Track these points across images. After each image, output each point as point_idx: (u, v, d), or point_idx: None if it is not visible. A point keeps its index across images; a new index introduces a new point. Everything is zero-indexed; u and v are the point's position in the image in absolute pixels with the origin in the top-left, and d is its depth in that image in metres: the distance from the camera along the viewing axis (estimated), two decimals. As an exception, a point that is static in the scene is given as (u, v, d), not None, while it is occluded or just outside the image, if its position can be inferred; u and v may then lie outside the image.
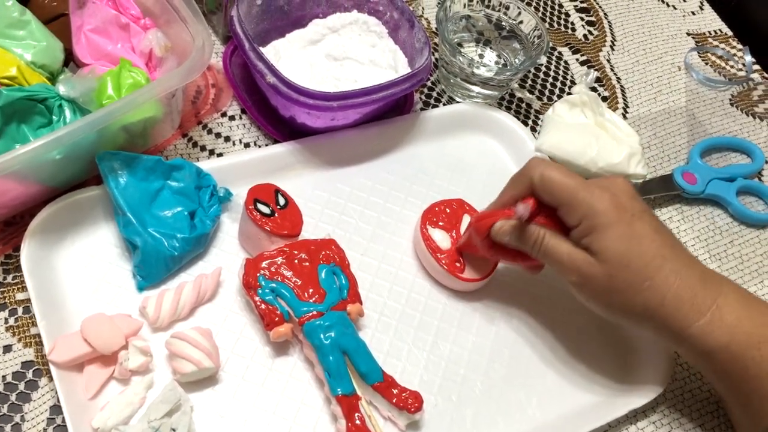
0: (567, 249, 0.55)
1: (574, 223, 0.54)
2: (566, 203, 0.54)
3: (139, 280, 0.59)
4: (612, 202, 0.54)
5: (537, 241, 0.56)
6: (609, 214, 0.53)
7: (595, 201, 0.53)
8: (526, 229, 0.56)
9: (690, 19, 0.94)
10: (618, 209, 0.54)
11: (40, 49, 0.62)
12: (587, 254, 0.54)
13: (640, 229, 0.54)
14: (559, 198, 0.55)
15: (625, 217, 0.54)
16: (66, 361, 0.53)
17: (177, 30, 0.63)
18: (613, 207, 0.54)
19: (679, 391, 0.64)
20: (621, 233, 0.53)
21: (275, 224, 0.60)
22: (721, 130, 0.84)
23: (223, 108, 0.72)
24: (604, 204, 0.53)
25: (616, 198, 0.54)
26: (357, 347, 0.57)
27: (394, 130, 0.72)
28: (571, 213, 0.54)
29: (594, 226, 0.53)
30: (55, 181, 0.60)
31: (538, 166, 0.56)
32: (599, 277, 0.54)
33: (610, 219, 0.53)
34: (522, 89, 0.82)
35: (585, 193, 0.54)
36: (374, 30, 0.75)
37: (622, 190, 0.55)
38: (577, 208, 0.54)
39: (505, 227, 0.57)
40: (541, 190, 0.55)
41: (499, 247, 0.59)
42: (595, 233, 0.53)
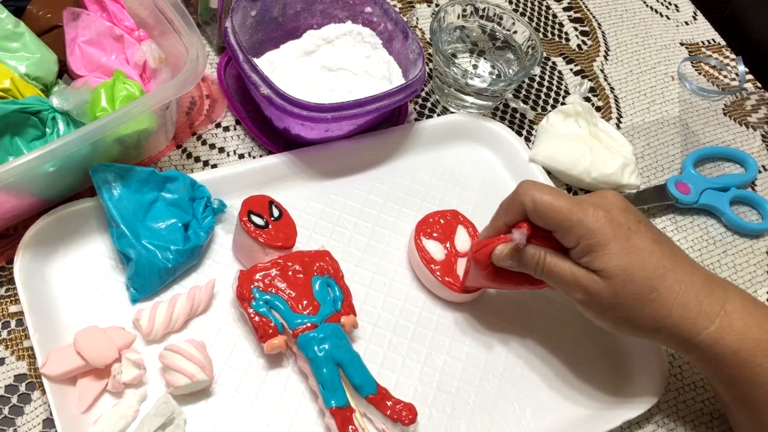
0: (569, 267, 0.55)
1: (572, 245, 0.54)
2: (562, 227, 0.54)
3: (132, 293, 0.59)
4: (606, 219, 0.54)
5: (539, 262, 0.56)
6: (605, 231, 0.53)
7: (589, 220, 0.53)
8: (525, 252, 0.56)
9: (683, 29, 0.95)
10: (613, 225, 0.54)
11: (34, 61, 0.63)
12: (589, 272, 0.54)
13: (638, 242, 0.54)
14: (554, 222, 0.54)
15: (621, 231, 0.54)
16: (59, 374, 0.53)
17: (171, 41, 0.63)
18: (608, 224, 0.54)
19: (672, 402, 0.64)
20: (620, 249, 0.53)
21: (269, 236, 0.60)
22: (715, 139, 0.85)
23: (217, 119, 0.72)
24: (599, 222, 0.53)
25: (609, 214, 0.54)
26: (351, 359, 0.57)
27: (389, 140, 0.73)
28: (567, 236, 0.54)
29: (592, 245, 0.53)
30: (49, 194, 0.60)
31: (528, 190, 0.55)
32: (604, 294, 0.54)
33: (607, 236, 0.53)
34: (516, 99, 0.82)
35: (579, 214, 0.54)
36: (368, 41, 0.75)
37: (614, 205, 0.55)
38: (572, 230, 0.54)
39: (505, 251, 0.57)
40: (533, 215, 0.55)
41: (503, 274, 0.59)
42: (594, 252, 0.53)
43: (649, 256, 0.54)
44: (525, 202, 0.55)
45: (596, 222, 0.53)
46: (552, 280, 0.56)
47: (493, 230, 0.59)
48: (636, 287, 0.53)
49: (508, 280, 0.60)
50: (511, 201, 0.57)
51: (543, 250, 0.56)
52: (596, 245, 0.53)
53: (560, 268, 0.55)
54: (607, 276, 0.53)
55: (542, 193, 0.55)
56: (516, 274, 0.59)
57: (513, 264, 0.57)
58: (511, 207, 0.57)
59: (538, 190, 0.55)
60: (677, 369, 0.66)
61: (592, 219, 0.53)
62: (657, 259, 0.54)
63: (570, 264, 0.55)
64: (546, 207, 0.54)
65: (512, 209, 0.57)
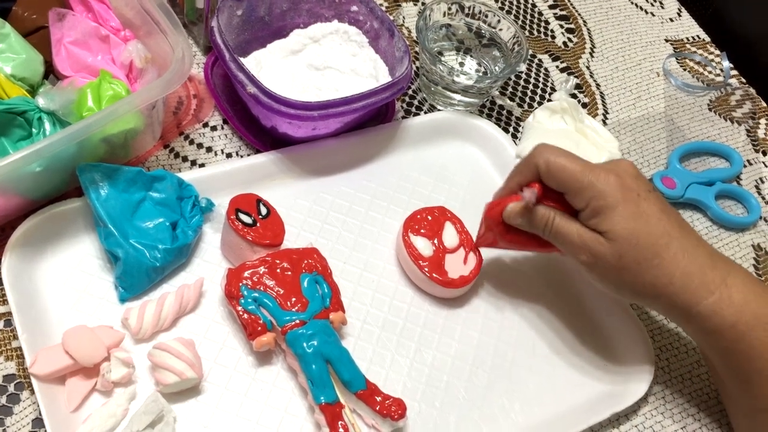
0: (576, 229, 0.56)
1: (581, 206, 0.55)
2: (572, 188, 0.55)
3: (121, 292, 0.59)
4: (618, 183, 0.55)
5: (548, 222, 0.57)
6: (615, 194, 0.54)
7: (600, 183, 0.54)
8: (536, 212, 0.57)
9: (668, 25, 0.96)
10: (624, 189, 0.55)
11: (20, 62, 0.62)
12: (596, 234, 0.55)
13: (647, 208, 0.55)
14: (565, 183, 0.56)
15: (631, 196, 0.55)
16: (48, 373, 0.53)
17: (157, 41, 0.63)
18: (619, 187, 0.55)
19: (660, 394, 0.65)
20: (628, 213, 0.54)
21: (257, 234, 0.60)
22: (700, 134, 0.85)
23: (204, 118, 0.72)
24: (609, 185, 0.54)
25: (621, 179, 0.55)
26: (340, 355, 0.57)
27: (376, 138, 0.73)
28: (577, 197, 0.55)
29: (601, 207, 0.54)
30: (36, 194, 0.60)
31: (543, 152, 0.57)
32: (608, 256, 0.54)
33: (616, 199, 0.54)
34: (503, 96, 0.83)
35: (590, 176, 0.55)
36: (355, 39, 0.75)
37: (626, 171, 0.56)
38: (583, 191, 0.55)
39: (516, 209, 0.58)
40: (546, 176, 0.56)
41: (514, 234, 0.60)
42: (603, 214, 0.54)
43: (656, 223, 0.54)
44: (539, 163, 0.57)
45: (607, 185, 0.54)
46: (559, 241, 0.57)
47: (506, 190, 0.61)
48: (640, 251, 0.54)
49: (518, 240, 0.61)
50: (526, 162, 0.59)
51: (553, 211, 0.57)
52: (605, 207, 0.54)
53: (568, 230, 0.56)
54: (613, 238, 0.54)
55: (556, 155, 0.56)
56: (526, 235, 0.60)
57: (523, 223, 0.58)
58: (525, 168, 0.59)
59: (552, 152, 0.57)
60: (664, 362, 0.66)
61: (603, 182, 0.55)
62: (664, 227, 0.55)
63: (578, 226, 0.56)
64: (559, 168, 0.56)
65: (526, 170, 0.58)
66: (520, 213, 0.58)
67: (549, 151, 0.57)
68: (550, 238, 0.58)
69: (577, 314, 0.66)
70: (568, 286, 0.68)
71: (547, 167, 0.56)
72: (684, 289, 0.54)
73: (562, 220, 0.57)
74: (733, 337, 0.54)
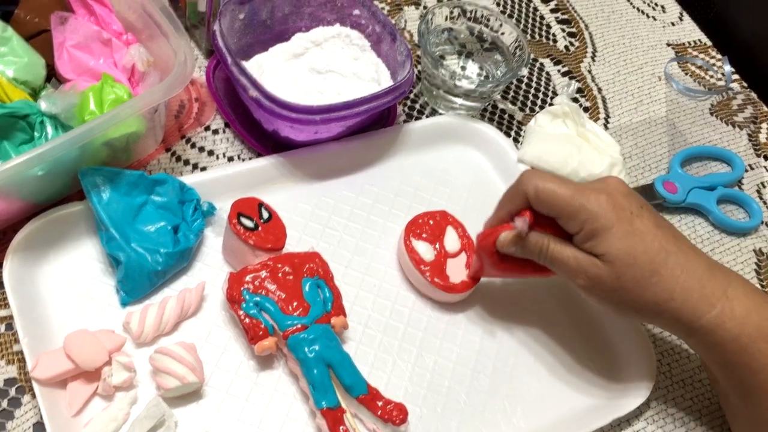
0: (572, 253, 0.56)
1: (575, 230, 0.55)
2: (564, 212, 0.55)
3: (122, 296, 0.59)
4: (609, 203, 0.54)
5: (542, 249, 0.57)
6: (608, 215, 0.54)
7: (592, 205, 0.54)
8: (529, 239, 0.57)
9: (670, 29, 0.95)
10: (616, 209, 0.54)
11: (22, 65, 0.63)
12: (593, 257, 0.55)
13: (641, 225, 0.54)
14: (557, 208, 0.55)
15: (624, 215, 0.54)
16: (49, 378, 0.53)
17: (159, 45, 0.63)
18: (611, 207, 0.54)
19: (662, 399, 0.65)
20: (623, 232, 0.54)
21: (259, 238, 0.60)
22: (702, 139, 0.85)
23: (206, 122, 0.72)
24: (601, 206, 0.54)
25: (612, 198, 0.55)
26: (341, 360, 0.57)
27: (378, 142, 0.73)
28: (570, 221, 0.55)
29: (595, 229, 0.54)
30: (38, 197, 0.60)
31: (531, 178, 0.56)
32: (606, 278, 0.54)
33: (610, 220, 0.54)
34: (504, 100, 0.83)
35: (581, 199, 0.54)
36: (357, 43, 0.75)
37: (617, 190, 0.56)
38: (575, 215, 0.54)
39: (509, 238, 0.58)
40: (536, 203, 0.56)
41: (509, 262, 0.59)
42: (598, 237, 0.54)
43: (651, 240, 0.54)
44: (527, 191, 0.56)
45: (599, 207, 0.54)
46: (556, 266, 0.57)
47: (497, 219, 0.60)
48: (638, 271, 0.54)
49: (513, 267, 0.60)
50: (514, 190, 0.58)
51: (546, 237, 0.57)
52: (599, 229, 0.54)
53: (563, 255, 0.56)
54: (610, 260, 0.54)
55: (544, 181, 0.56)
56: (522, 262, 0.59)
57: (517, 251, 0.58)
58: (514, 196, 0.58)
59: (540, 178, 0.56)
60: (666, 367, 0.66)
61: (595, 204, 0.54)
62: (659, 242, 0.54)
63: (573, 250, 0.56)
64: (548, 194, 0.55)
65: (515, 198, 0.58)
66: (513, 242, 0.58)
67: (537, 177, 0.56)
68: (546, 263, 0.57)
69: (578, 319, 0.66)
70: (570, 292, 0.67)
71: (536, 194, 0.56)
72: (685, 303, 0.54)
73: (557, 246, 0.56)
74: (736, 349, 0.54)
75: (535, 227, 0.57)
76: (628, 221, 0.54)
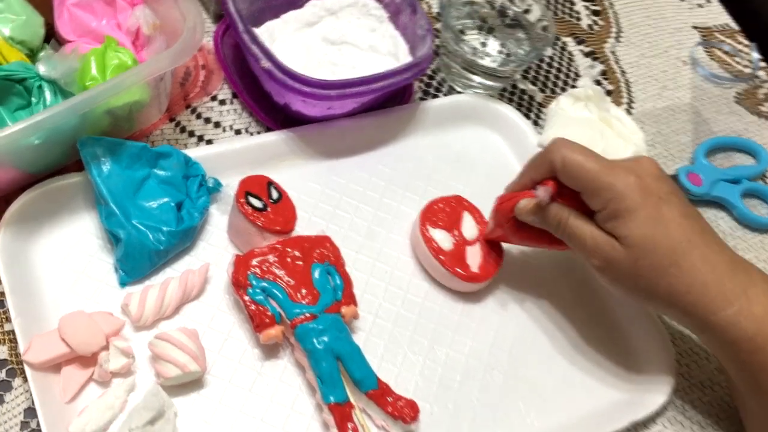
0: (590, 231, 0.53)
1: (598, 208, 0.53)
2: (590, 188, 0.52)
3: (121, 275, 0.56)
4: (637, 185, 0.52)
5: (560, 222, 0.54)
6: (634, 197, 0.51)
7: (620, 184, 0.52)
8: (549, 209, 0.55)
9: (697, 11, 0.92)
10: (644, 192, 0.52)
11: (19, 23, 0.59)
12: (611, 238, 0.52)
13: (667, 212, 0.52)
14: (582, 183, 0.53)
15: (651, 200, 0.52)
16: (42, 362, 0.50)
17: (166, 7, 0.60)
18: (639, 190, 0.52)
19: (679, 402, 0.62)
20: (647, 217, 0.51)
21: (267, 219, 0.57)
22: (726, 129, 0.82)
23: (213, 91, 0.69)
24: (629, 187, 0.52)
25: (641, 180, 0.52)
26: (351, 353, 0.54)
27: (393, 120, 0.69)
28: (595, 198, 0.53)
29: (619, 210, 0.51)
30: (33, 167, 0.56)
31: (560, 148, 0.54)
32: (623, 262, 0.52)
33: (635, 203, 0.51)
34: (524, 80, 0.79)
35: (609, 177, 0.52)
36: (374, 14, 0.71)
37: (647, 172, 0.53)
38: (601, 192, 0.52)
39: (529, 206, 0.55)
40: (562, 174, 0.54)
41: (525, 230, 0.57)
42: (620, 218, 0.52)
43: (676, 228, 0.52)
44: (554, 160, 0.54)
45: (626, 187, 0.52)
46: (572, 242, 0.55)
47: (519, 185, 0.58)
48: (657, 259, 0.51)
49: (529, 236, 0.58)
50: (541, 157, 0.56)
51: (567, 210, 0.55)
52: (624, 211, 0.51)
53: (581, 231, 0.54)
54: (630, 244, 0.52)
55: (573, 152, 0.53)
56: (537, 232, 0.57)
57: (535, 220, 0.56)
58: (539, 163, 0.56)
59: (569, 148, 0.53)
60: (684, 368, 0.64)
61: (623, 183, 0.52)
62: (683, 232, 0.52)
63: (592, 227, 0.53)
64: (575, 167, 0.53)
65: (541, 165, 0.55)
66: (532, 211, 0.55)
67: (566, 146, 0.54)
68: (563, 237, 0.55)
69: (597, 316, 0.64)
70: (589, 286, 0.65)
71: (563, 165, 0.53)
72: (701, 298, 0.51)
73: (576, 221, 0.54)
74: (751, 349, 0.52)
75: (557, 199, 0.55)
76: (654, 206, 0.52)
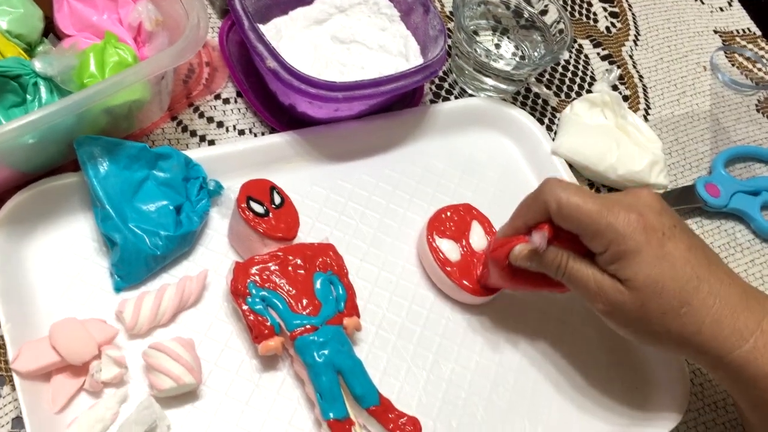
0: (593, 275, 0.50)
1: (599, 250, 0.50)
2: (589, 231, 0.49)
3: (116, 280, 0.54)
4: (639, 224, 0.49)
5: (560, 266, 0.51)
6: (637, 237, 0.49)
7: (620, 225, 0.49)
8: (546, 254, 0.52)
9: (718, 15, 0.89)
10: (646, 230, 0.49)
11: (17, 16, 0.56)
12: (615, 281, 0.50)
13: (673, 249, 0.49)
14: (581, 226, 0.50)
15: (654, 238, 0.49)
16: (31, 370, 0.48)
17: (170, 2, 0.57)
18: (641, 229, 0.49)
19: (692, 422, 0.60)
20: (652, 257, 0.48)
21: (269, 226, 0.55)
22: (746, 138, 0.79)
23: (217, 89, 0.66)
24: (630, 227, 0.49)
25: (643, 218, 0.49)
26: (353, 367, 0.52)
27: (401, 123, 0.67)
28: (595, 240, 0.50)
29: (622, 252, 0.49)
30: (27, 166, 0.54)
31: (553, 189, 0.51)
32: (630, 306, 0.49)
33: (638, 243, 0.48)
34: (539, 84, 0.76)
35: (609, 218, 0.49)
36: (385, 12, 0.69)
37: (649, 207, 0.50)
38: (601, 235, 0.49)
39: (524, 252, 0.52)
40: (558, 217, 0.51)
41: (522, 275, 0.54)
42: (624, 260, 0.49)
43: (683, 266, 0.49)
44: (549, 202, 0.51)
45: (628, 227, 0.49)
46: (573, 285, 0.52)
47: (512, 228, 0.54)
48: (666, 300, 0.49)
49: (527, 281, 0.55)
50: (534, 199, 0.52)
51: (566, 253, 0.51)
52: (627, 252, 0.49)
53: (583, 275, 0.51)
54: (636, 287, 0.49)
55: (569, 193, 0.50)
56: (536, 276, 0.54)
57: (532, 266, 0.53)
58: (533, 205, 0.52)
59: (564, 189, 0.50)
60: (698, 387, 0.62)
61: (624, 223, 0.49)
62: (692, 268, 0.49)
63: (594, 270, 0.51)
64: (572, 209, 0.50)
65: (534, 208, 0.52)
66: (528, 257, 0.52)
67: (560, 188, 0.50)
68: (563, 281, 0.52)
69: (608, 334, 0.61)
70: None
71: (558, 207, 0.50)
72: (714, 337, 0.49)
73: (576, 264, 0.51)
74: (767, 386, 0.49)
75: (554, 241, 0.52)
76: (658, 244, 0.49)
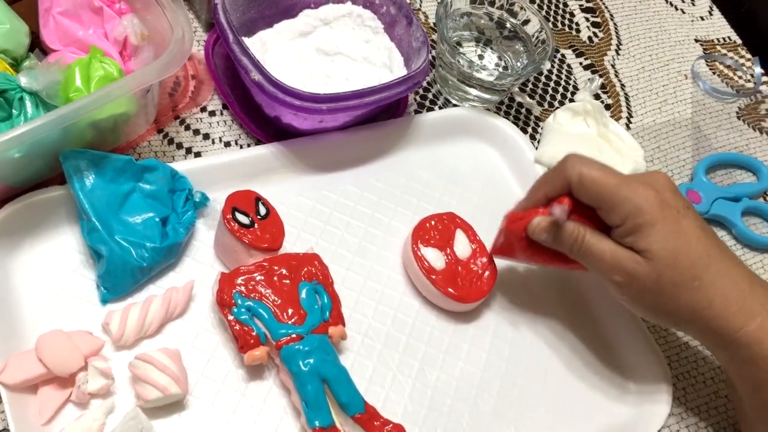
0: (609, 248, 0.52)
1: (617, 223, 0.52)
2: (608, 203, 0.52)
3: (103, 292, 0.55)
4: (656, 199, 0.51)
5: (576, 240, 0.53)
6: (654, 211, 0.51)
7: (638, 198, 0.51)
8: (564, 227, 0.53)
9: (698, 24, 0.90)
10: (663, 206, 0.51)
11: (3, 32, 0.57)
12: (632, 252, 0.51)
13: (687, 226, 0.52)
14: (600, 198, 0.52)
15: (671, 214, 0.51)
16: (18, 382, 0.48)
17: (155, 16, 0.58)
18: (658, 204, 0.51)
19: (675, 426, 0.61)
20: (668, 231, 0.51)
21: (254, 237, 0.55)
22: (727, 145, 0.80)
23: (203, 102, 0.67)
24: (648, 201, 0.51)
25: (660, 194, 0.52)
26: (338, 375, 0.52)
27: (386, 134, 0.68)
28: (613, 213, 0.52)
29: (639, 224, 0.51)
30: (14, 180, 0.55)
31: (575, 163, 0.53)
32: (645, 277, 0.51)
33: (655, 217, 0.51)
34: (522, 93, 0.77)
35: (627, 191, 0.51)
36: (369, 24, 0.70)
37: (665, 186, 0.53)
38: (619, 207, 0.51)
39: (542, 224, 0.54)
40: (578, 190, 0.53)
41: (537, 248, 0.56)
42: (641, 232, 0.51)
43: (696, 242, 0.51)
44: (571, 176, 0.53)
45: (645, 201, 0.51)
46: (589, 260, 0.54)
47: (531, 201, 0.57)
48: (679, 272, 0.51)
49: (539, 255, 0.57)
50: (556, 173, 0.55)
51: (583, 227, 0.54)
52: (643, 225, 0.51)
53: (600, 248, 0.53)
54: (651, 257, 0.51)
55: (590, 168, 0.53)
56: (548, 251, 0.56)
57: (549, 239, 0.55)
58: (554, 178, 0.55)
59: (585, 164, 0.53)
60: (681, 391, 0.62)
61: (641, 197, 0.51)
62: (704, 246, 0.51)
63: (611, 244, 0.53)
64: (593, 182, 0.52)
65: (555, 181, 0.55)
66: (547, 229, 0.54)
67: (582, 162, 0.53)
68: (578, 256, 0.54)
69: (592, 339, 0.62)
70: (583, 308, 0.63)
71: (580, 180, 0.52)
72: (723, 313, 0.51)
73: (593, 238, 0.53)
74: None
75: (572, 216, 0.53)
76: (674, 220, 0.51)
